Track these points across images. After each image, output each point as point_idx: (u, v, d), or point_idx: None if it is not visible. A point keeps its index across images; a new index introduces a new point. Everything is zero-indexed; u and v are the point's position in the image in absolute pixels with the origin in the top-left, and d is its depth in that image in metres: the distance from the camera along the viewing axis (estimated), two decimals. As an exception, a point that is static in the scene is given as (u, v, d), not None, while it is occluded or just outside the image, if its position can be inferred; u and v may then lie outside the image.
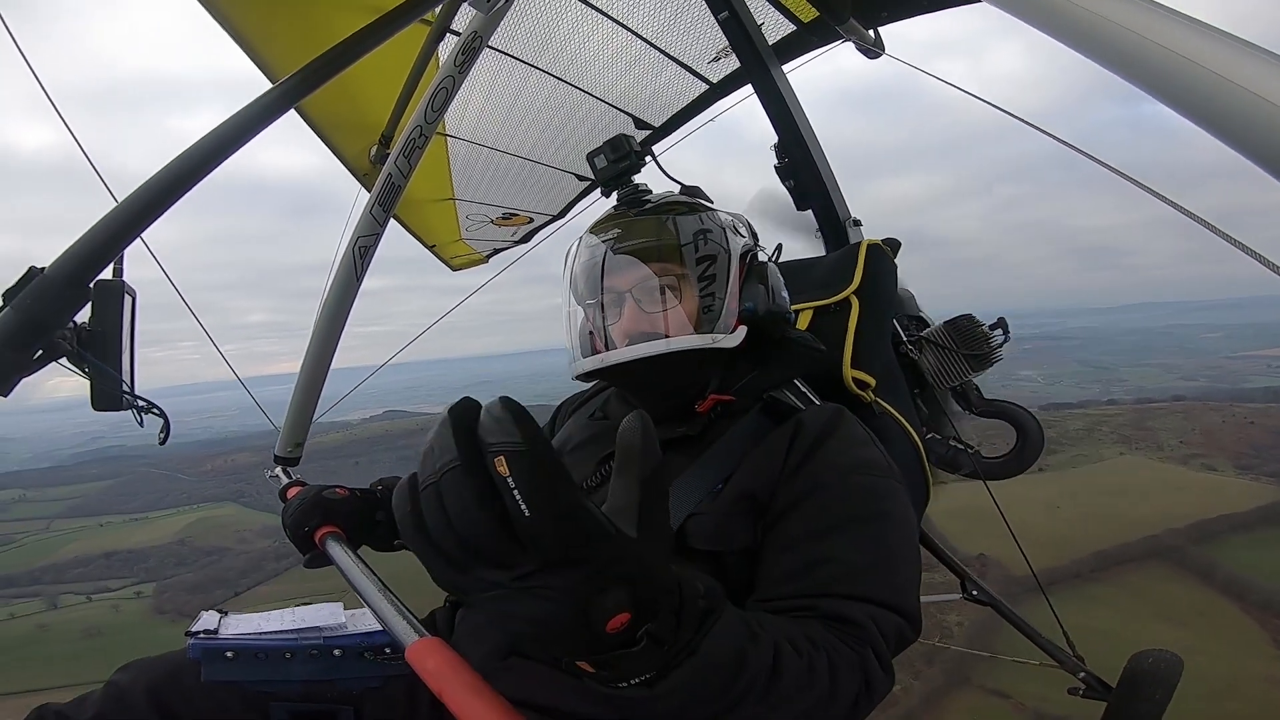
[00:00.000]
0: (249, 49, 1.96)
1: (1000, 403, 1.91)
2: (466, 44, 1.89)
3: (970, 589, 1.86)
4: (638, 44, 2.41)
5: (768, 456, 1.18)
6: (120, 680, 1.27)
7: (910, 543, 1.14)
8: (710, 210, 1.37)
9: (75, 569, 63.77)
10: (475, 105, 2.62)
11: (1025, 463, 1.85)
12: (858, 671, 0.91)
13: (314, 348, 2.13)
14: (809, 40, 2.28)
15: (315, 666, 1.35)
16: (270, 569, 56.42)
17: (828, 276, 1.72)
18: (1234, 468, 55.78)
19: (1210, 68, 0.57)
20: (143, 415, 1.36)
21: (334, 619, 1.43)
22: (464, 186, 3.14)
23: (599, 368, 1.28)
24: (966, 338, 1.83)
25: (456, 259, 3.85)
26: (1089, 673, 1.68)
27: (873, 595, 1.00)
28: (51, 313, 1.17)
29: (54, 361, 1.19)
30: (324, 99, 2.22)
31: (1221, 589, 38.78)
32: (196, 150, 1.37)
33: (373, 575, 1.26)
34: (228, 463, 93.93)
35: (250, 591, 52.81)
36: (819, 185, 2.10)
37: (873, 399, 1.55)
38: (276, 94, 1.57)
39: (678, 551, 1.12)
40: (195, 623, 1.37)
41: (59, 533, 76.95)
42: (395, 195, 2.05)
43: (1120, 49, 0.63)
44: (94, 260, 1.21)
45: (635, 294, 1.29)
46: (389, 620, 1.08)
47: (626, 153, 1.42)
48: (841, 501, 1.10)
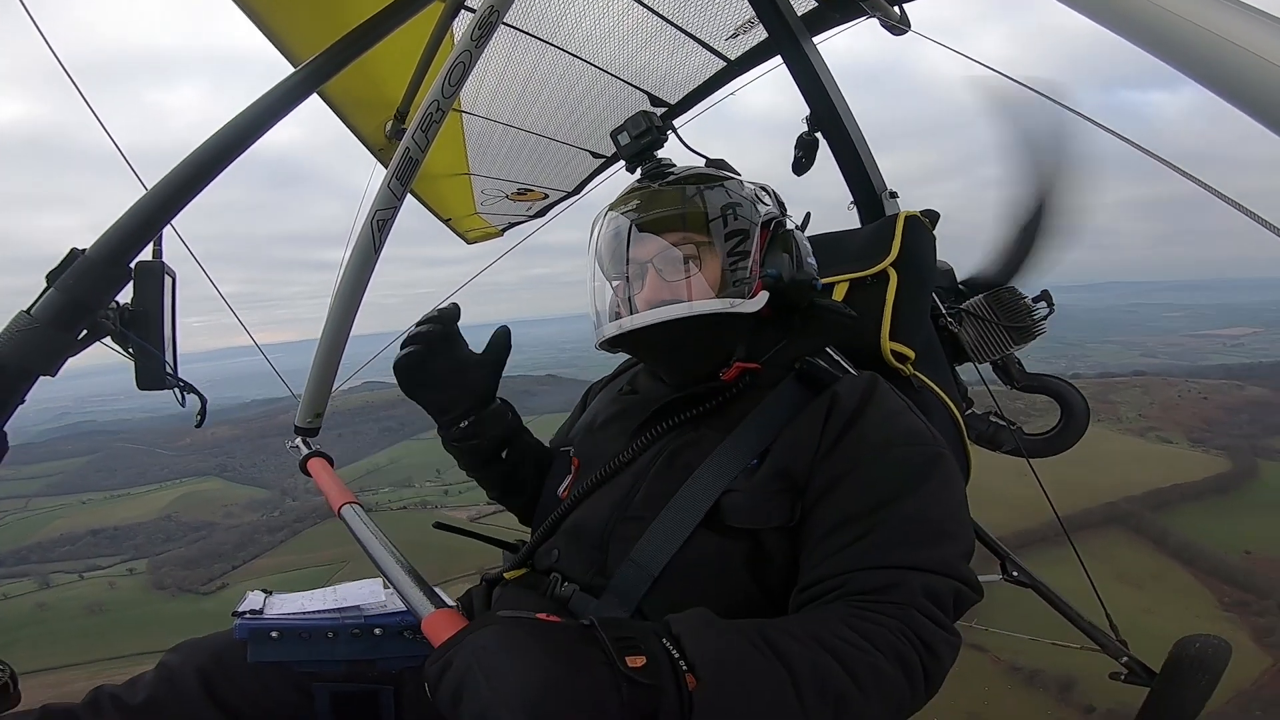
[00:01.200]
0: (271, 34, 1.95)
1: (1045, 377, 1.87)
2: (483, 19, 1.88)
3: (1011, 570, 1.82)
4: (654, 20, 2.38)
5: (804, 431, 1.17)
6: (171, 661, 1.29)
7: (958, 508, 1.11)
8: (733, 179, 1.38)
9: (62, 547, 63.12)
10: (491, 81, 2.60)
11: (1070, 440, 1.82)
12: (902, 637, 0.89)
13: (333, 318, 2.14)
14: (832, 16, 2.24)
15: (358, 646, 1.37)
16: (265, 541, 56.69)
17: (864, 249, 1.68)
18: (1187, 440, 58.05)
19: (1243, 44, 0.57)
20: (185, 395, 1.39)
21: (374, 597, 1.44)
22: (479, 162, 3.13)
23: (618, 333, 1.30)
24: (1008, 310, 1.79)
25: (472, 232, 3.86)
26: (1132, 657, 1.65)
27: (919, 563, 0.98)
28: (94, 293, 1.18)
29: (98, 341, 1.22)
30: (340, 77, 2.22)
31: (1173, 554, 41.04)
32: (224, 134, 1.40)
33: (392, 548, 1.29)
34: (208, 436, 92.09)
35: (246, 565, 53.07)
36: (855, 158, 2.06)
37: (912, 372, 1.52)
38: (299, 78, 1.58)
39: (713, 529, 1.13)
40: (241, 603, 1.39)
41: (39, 511, 76.29)
42: (412, 170, 2.05)
43: (1146, 23, 0.63)
44: (133, 241, 1.23)
45: (657, 263, 1.30)
46: (406, 592, 1.11)
47: (648, 128, 1.42)
48: (883, 478, 1.08)
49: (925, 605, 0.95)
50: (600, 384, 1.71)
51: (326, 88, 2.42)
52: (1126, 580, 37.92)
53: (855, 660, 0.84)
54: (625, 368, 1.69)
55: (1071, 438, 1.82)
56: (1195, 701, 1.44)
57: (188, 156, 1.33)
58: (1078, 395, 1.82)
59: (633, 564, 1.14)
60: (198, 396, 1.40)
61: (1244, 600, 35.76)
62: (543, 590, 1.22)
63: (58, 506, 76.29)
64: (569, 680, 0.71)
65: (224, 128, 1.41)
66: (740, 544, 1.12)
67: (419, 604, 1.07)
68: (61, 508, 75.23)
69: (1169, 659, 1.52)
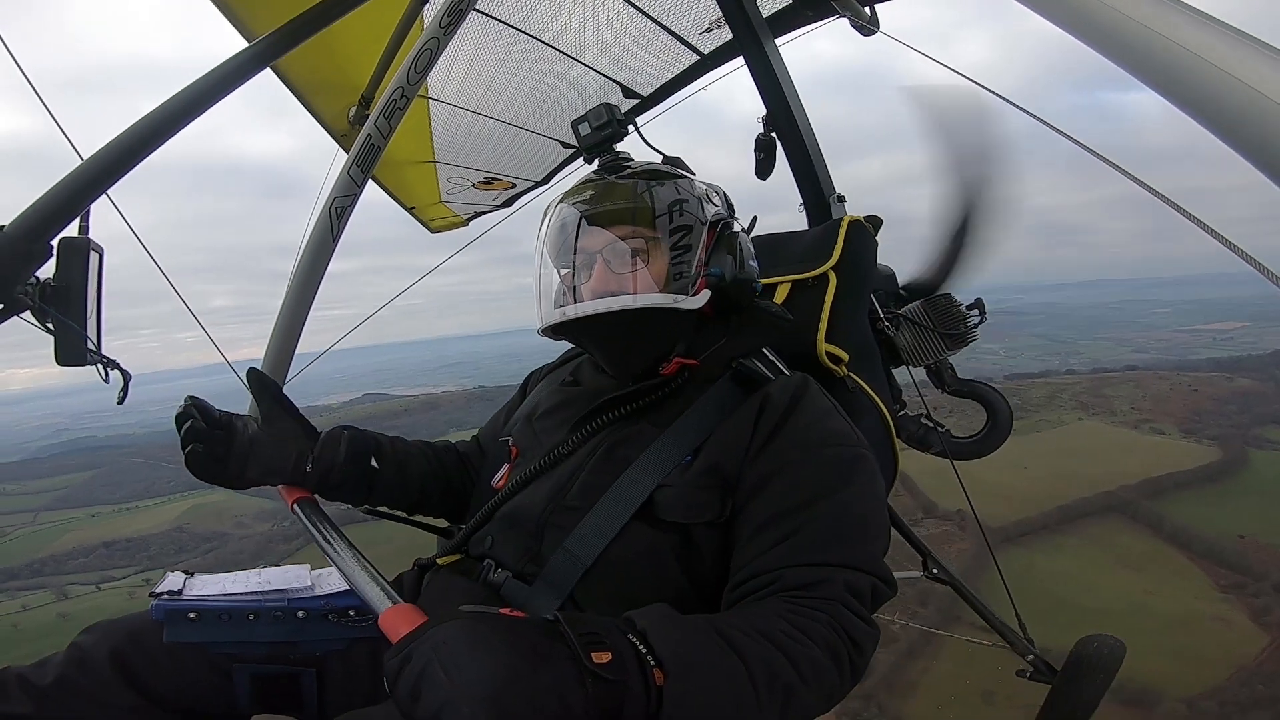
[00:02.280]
0: (224, 5, 1.90)
1: (973, 383, 1.92)
2: (453, 5, 1.85)
3: (931, 567, 1.87)
4: (629, 11, 2.36)
5: (736, 430, 1.20)
6: (83, 642, 1.27)
7: (876, 509, 1.16)
8: (685, 178, 1.39)
9: (76, 559, 63.12)
10: (460, 68, 2.57)
11: (994, 444, 1.87)
12: (832, 630, 0.93)
13: (287, 308, 2.03)
14: (804, 14, 2.24)
15: (280, 628, 1.36)
16: (281, 550, 55.73)
17: (808, 251, 1.72)
18: (1179, 431, 59.24)
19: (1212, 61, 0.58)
20: (108, 372, 1.35)
21: (299, 581, 1.44)
22: (445, 150, 3.09)
23: (561, 321, 1.31)
24: (944, 316, 1.83)
25: (436, 221, 3.81)
26: (1037, 655, 1.71)
27: (839, 560, 1.02)
28: (11, 268, 1.16)
29: (15, 315, 1.18)
30: (302, 58, 2.16)
31: (1169, 539, 42.49)
32: (164, 110, 1.35)
33: (346, 542, 1.27)
34: None
35: (266, 574, 53.77)
36: (805, 160, 2.08)
37: (846, 373, 1.56)
38: (251, 53, 1.54)
39: (646, 521, 1.15)
40: (160, 584, 1.37)
41: (48, 525, 76.23)
42: (374, 157, 2.01)
43: (1118, 37, 0.64)
44: (56, 217, 1.20)
45: (605, 254, 1.32)
46: (362, 587, 1.10)
47: (609, 121, 1.44)
48: (810, 478, 1.12)
49: (850, 600, 0.99)
50: (541, 372, 1.72)
51: (288, 71, 2.37)
52: (1126, 564, 40.04)
53: (797, 653, 0.88)
54: (569, 357, 1.70)
55: (995, 441, 1.86)
56: (1091, 698, 1.50)
57: (121, 132, 1.29)
58: (1003, 402, 1.87)
59: (566, 553, 1.15)
60: (120, 373, 1.36)
61: (1240, 582, 37.21)
62: (475, 576, 1.23)
63: (68, 520, 76.23)
64: (532, 675, 0.71)
65: (163, 104, 1.38)
66: (671, 537, 1.15)
67: (376, 599, 1.06)
68: (71, 521, 75.22)
69: (1069, 658, 1.57)
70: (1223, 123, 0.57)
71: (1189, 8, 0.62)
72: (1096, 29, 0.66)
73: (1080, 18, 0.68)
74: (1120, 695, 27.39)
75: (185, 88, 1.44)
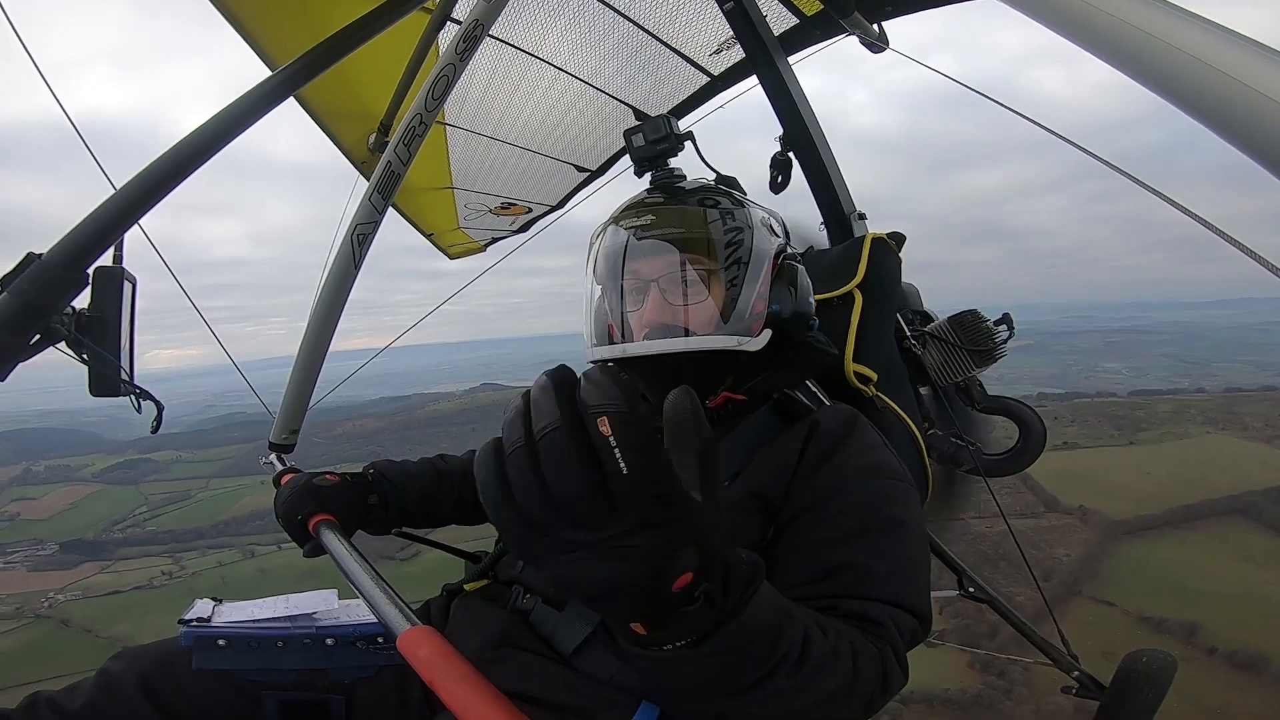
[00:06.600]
0: (249, 37, 1.94)
1: (1003, 399, 1.89)
2: (468, 32, 1.88)
3: (967, 586, 1.86)
4: (639, 35, 2.40)
5: (780, 456, 1.16)
6: (112, 669, 1.27)
7: (923, 546, 1.13)
8: (746, 204, 1.32)
9: (253, 521, 67.89)
10: (475, 94, 2.61)
11: (1026, 460, 1.83)
12: (877, 665, 0.91)
13: (310, 335, 2.11)
14: (812, 33, 2.27)
15: (308, 655, 1.35)
16: None
17: (832, 269, 1.70)
18: None
19: (1220, 68, 0.57)
20: (140, 402, 1.36)
21: (327, 606, 1.44)
22: (463, 175, 3.13)
23: (618, 358, 1.23)
24: (971, 333, 1.81)
25: (454, 247, 3.85)
26: (1083, 672, 1.68)
27: (892, 598, 1.00)
28: (48, 298, 1.17)
29: (51, 346, 1.19)
30: (323, 87, 2.21)
31: None
32: (195, 138, 1.37)
33: (366, 563, 1.26)
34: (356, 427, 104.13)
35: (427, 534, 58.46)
36: (824, 178, 2.09)
37: (874, 393, 1.53)
38: (275, 82, 1.56)
39: None
40: (188, 610, 1.37)
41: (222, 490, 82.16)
42: (394, 183, 2.04)
43: (1126, 46, 0.63)
44: (92, 246, 1.21)
45: (661, 283, 1.23)
46: (381, 609, 1.08)
47: (666, 134, 1.37)
48: (861, 507, 1.08)
49: (899, 645, 0.97)
50: None
51: (309, 99, 2.42)
52: (1248, 559, 41.47)
53: (858, 658, 0.88)
54: None
55: (1029, 458, 1.84)
56: (1142, 713, 1.46)
57: (152, 162, 1.31)
58: (1035, 417, 1.84)
59: None
60: (154, 404, 1.36)
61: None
62: (504, 602, 1.21)
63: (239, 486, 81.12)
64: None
65: (193, 131, 1.40)
66: None
67: (394, 621, 1.04)
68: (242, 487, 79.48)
69: (1117, 674, 1.54)
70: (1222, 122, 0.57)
71: (1178, 8, 0.61)
72: (1095, 34, 0.66)
73: (1080, 22, 0.67)
74: (1234, 659, 29.40)
75: (212, 116, 1.46)
